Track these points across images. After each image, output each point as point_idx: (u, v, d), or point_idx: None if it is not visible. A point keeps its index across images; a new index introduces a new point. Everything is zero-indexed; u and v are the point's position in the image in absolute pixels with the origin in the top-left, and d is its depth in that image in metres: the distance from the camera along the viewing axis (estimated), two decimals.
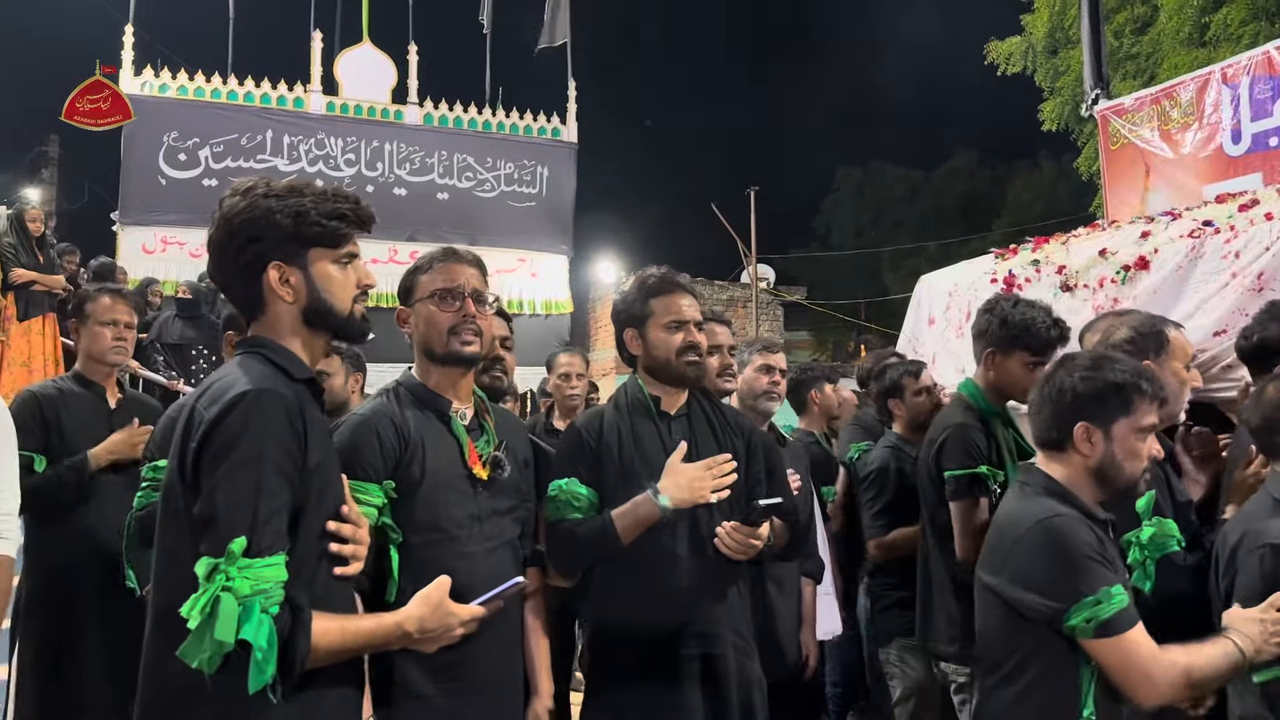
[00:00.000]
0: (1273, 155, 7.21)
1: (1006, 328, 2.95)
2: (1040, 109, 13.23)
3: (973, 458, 2.95)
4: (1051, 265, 3.53)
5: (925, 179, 30.56)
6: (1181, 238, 3.11)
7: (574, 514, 2.55)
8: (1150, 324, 2.65)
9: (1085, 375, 2.08)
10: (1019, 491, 2.19)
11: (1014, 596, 2.03)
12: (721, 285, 19.14)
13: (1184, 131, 7.84)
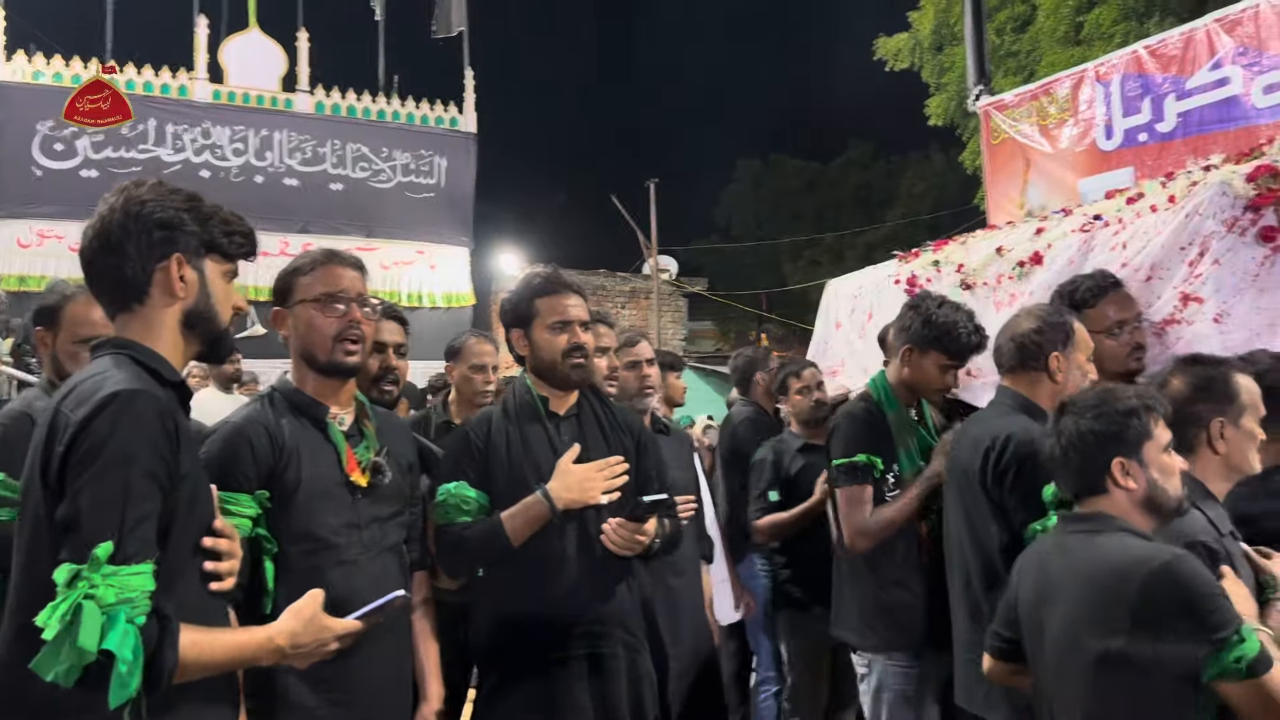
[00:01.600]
0: (1143, 150, 7.55)
1: (929, 327, 3.03)
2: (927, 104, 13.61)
3: (854, 446, 3.04)
4: (951, 265, 3.63)
5: (821, 171, 31.13)
6: (1073, 232, 3.22)
7: (463, 517, 2.54)
8: (1056, 315, 2.71)
9: (1098, 413, 2.06)
10: (1091, 540, 2.03)
11: (1150, 652, 1.85)
12: (624, 277, 19.20)
13: (1061, 127, 8.15)
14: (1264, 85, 6.73)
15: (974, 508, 2.66)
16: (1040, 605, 2.11)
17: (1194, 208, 2.85)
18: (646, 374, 3.62)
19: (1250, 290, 2.79)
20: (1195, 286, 2.83)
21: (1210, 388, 2.23)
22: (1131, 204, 3.11)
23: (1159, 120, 7.41)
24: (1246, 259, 2.80)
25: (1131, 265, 2.97)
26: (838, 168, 31.05)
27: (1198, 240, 2.83)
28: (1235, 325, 2.78)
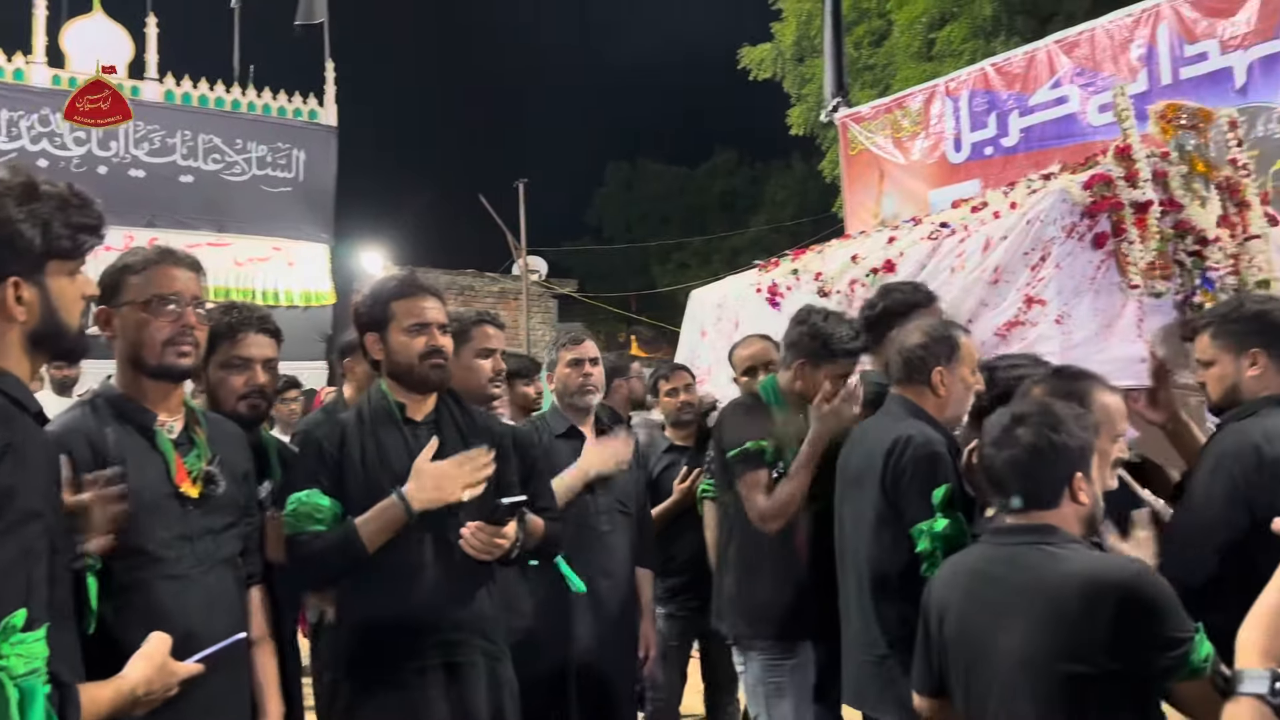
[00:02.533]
0: (989, 163, 7.93)
1: (816, 339, 3.08)
2: (789, 114, 13.96)
3: (743, 435, 3.11)
4: (809, 273, 3.72)
5: (689, 176, 31.58)
6: (922, 240, 3.33)
7: (316, 526, 2.44)
8: (941, 329, 2.78)
9: (1066, 428, 2.03)
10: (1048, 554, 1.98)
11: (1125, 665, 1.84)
12: (493, 277, 19.00)
13: (913, 140, 8.49)
14: (1099, 104, 7.17)
15: (870, 509, 2.72)
16: (986, 627, 2.05)
17: (1036, 214, 2.98)
18: (589, 373, 3.58)
19: (1088, 293, 2.95)
20: (1038, 289, 2.95)
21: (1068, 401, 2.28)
22: (976, 212, 3.25)
23: (1004, 135, 7.80)
24: (1084, 263, 2.95)
25: (977, 270, 3.08)
26: (704, 173, 31.55)
27: (1040, 245, 2.96)
28: (1075, 326, 2.92)
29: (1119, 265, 2.97)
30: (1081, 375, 2.40)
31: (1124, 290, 2.96)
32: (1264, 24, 6.26)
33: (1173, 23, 6.71)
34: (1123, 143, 3.09)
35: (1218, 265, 3.10)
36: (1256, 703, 1.07)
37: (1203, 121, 3.29)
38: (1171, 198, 3.07)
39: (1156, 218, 2.99)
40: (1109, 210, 2.95)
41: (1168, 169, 3.11)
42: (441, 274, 17.58)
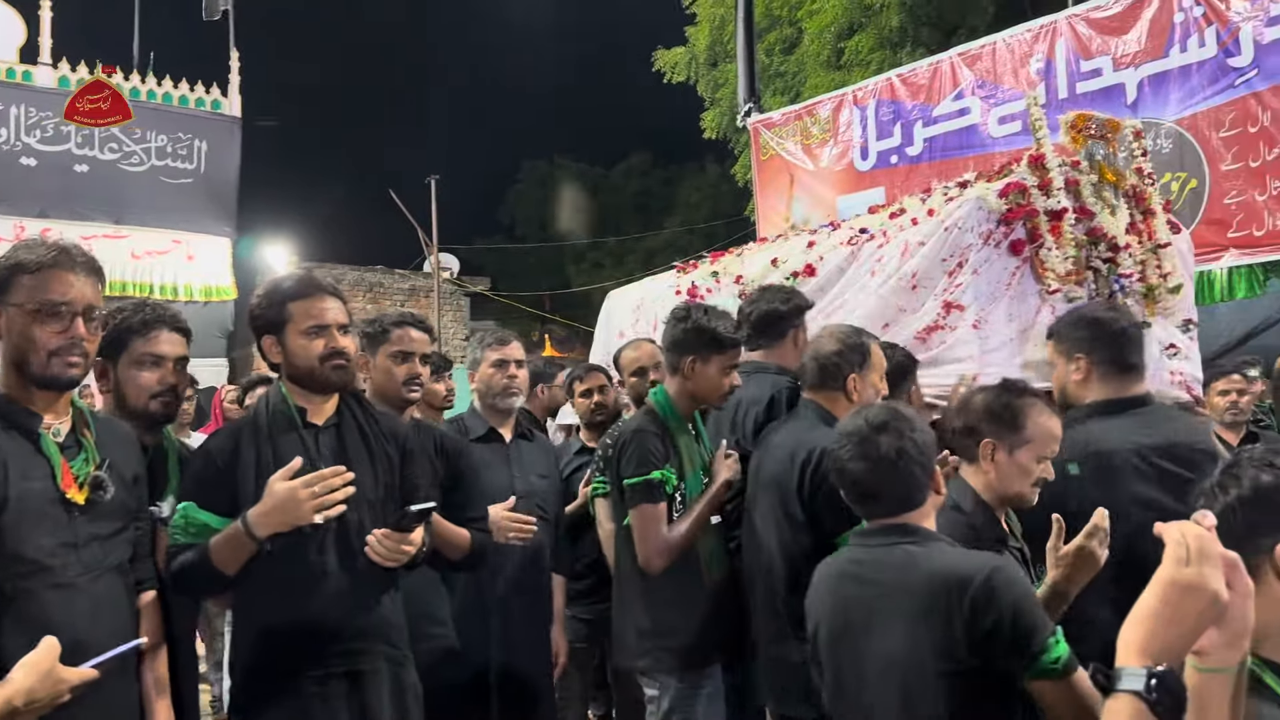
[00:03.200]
0: (894, 172, 8.13)
1: (702, 334, 3.06)
2: (703, 117, 14.08)
3: (648, 464, 3.01)
4: (729, 276, 3.75)
5: (604, 176, 31.60)
6: (842, 245, 3.38)
7: (186, 539, 2.37)
8: (855, 337, 2.85)
9: (921, 430, 2.13)
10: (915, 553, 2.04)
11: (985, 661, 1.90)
12: (403, 274, 18.69)
13: (823, 146, 8.65)
14: (999, 116, 7.42)
15: (785, 516, 2.76)
16: (855, 627, 2.10)
17: (954, 221, 3.05)
18: (514, 375, 3.51)
19: (1004, 299, 3.03)
20: (956, 295, 3.03)
21: (1001, 415, 2.38)
22: (895, 218, 3.30)
23: (909, 144, 8.01)
24: (1000, 269, 3.03)
25: (896, 275, 3.15)
26: (619, 174, 31.60)
27: (958, 252, 3.03)
28: (992, 331, 3.00)
29: (1035, 271, 3.05)
30: (1023, 392, 2.45)
31: (1039, 295, 3.04)
32: (1153, 43, 6.56)
33: (1070, 39, 6.98)
34: (1036, 151, 3.16)
35: (1128, 271, 3.23)
36: (1133, 699, 1.11)
37: (1111, 132, 3.40)
38: (1083, 205, 3.16)
39: (1071, 225, 3.07)
40: (1024, 217, 3.03)
41: (1079, 177, 3.20)
42: (350, 270, 17.26)
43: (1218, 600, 1.14)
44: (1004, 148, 7.32)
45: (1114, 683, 1.14)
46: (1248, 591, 1.18)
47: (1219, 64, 6.25)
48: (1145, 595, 1.15)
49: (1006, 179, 3.13)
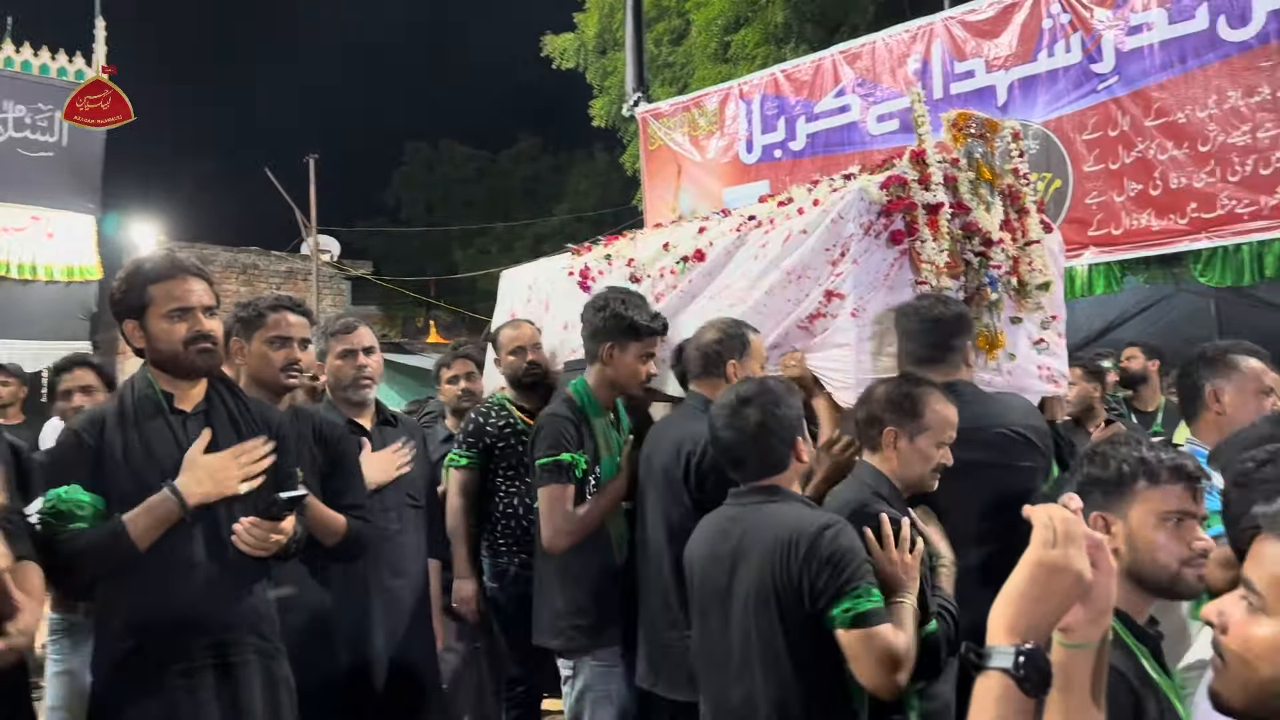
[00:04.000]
0: (778, 165, 8.27)
1: (619, 321, 3.12)
2: (592, 105, 14.04)
3: (558, 446, 3.07)
4: (621, 259, 3.74)
5: (492, 160, 31.22)
6: (731, 231, 3.40)
7: (78, 524, 2.28)
8: (735, 327, 2.97)
9: (782, 403, 2.38)
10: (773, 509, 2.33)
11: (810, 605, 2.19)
12: (280, 256, 18.09)
13: (709, 138, 8.74)
14: (878, 114, 7.62)
15: (674, 504, 2.88)
16: (724, 572, 2.34)
17: (838, 212, 3.10)
18: (364, 364, 3.38)
19: (882, 289, 3.09)
20: (837, 283, 3.07)
21: (901, 404, 2.51)
22: (782, 207, 3.34)
23: (792, 139, 8.17)
24: (879, 260, 3.10)
25: (782, 263, 3.20)
26: (508, 159, 31.27)
27: (840, 242, 3.08)
28: (869, 320, 3.07)
29: (912, 263, 3.13)
30: (920, 382, 2.59)
31: (915, 287, 3.12)
32: (1023, 47, 6.84)
33: (945, 41, 7.22)
34: (917, 147, 3.24)
35: (1000, 265, 3.35)
36: (1002, 676, 1.16)
37: (990, 131, 3.50)
38: (960, 201, 3.26)
39: (947, 219, 3.17)
40: (904, 210, 3.10)
41: (957, 174, 3.29)
42: (223, 250, 16.64)
43: (1082, 580, 1.19)
44: (882, 145, 7.52)
45: (984, 661, 1.19)
46: (1111, 570, 1.24)
47: (1083, 70, 6.57)
48: (1014, 576, 1.21)
49: (888, 172, 3.20)
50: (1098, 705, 1.27)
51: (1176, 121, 6.20)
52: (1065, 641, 1.25)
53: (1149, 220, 6.30)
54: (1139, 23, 6.34)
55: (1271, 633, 1.01)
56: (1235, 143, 5.99)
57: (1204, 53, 6.10)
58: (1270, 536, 1.05)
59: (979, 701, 1.18)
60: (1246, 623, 1.04)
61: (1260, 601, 1.03)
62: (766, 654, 2.23)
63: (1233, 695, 1.05)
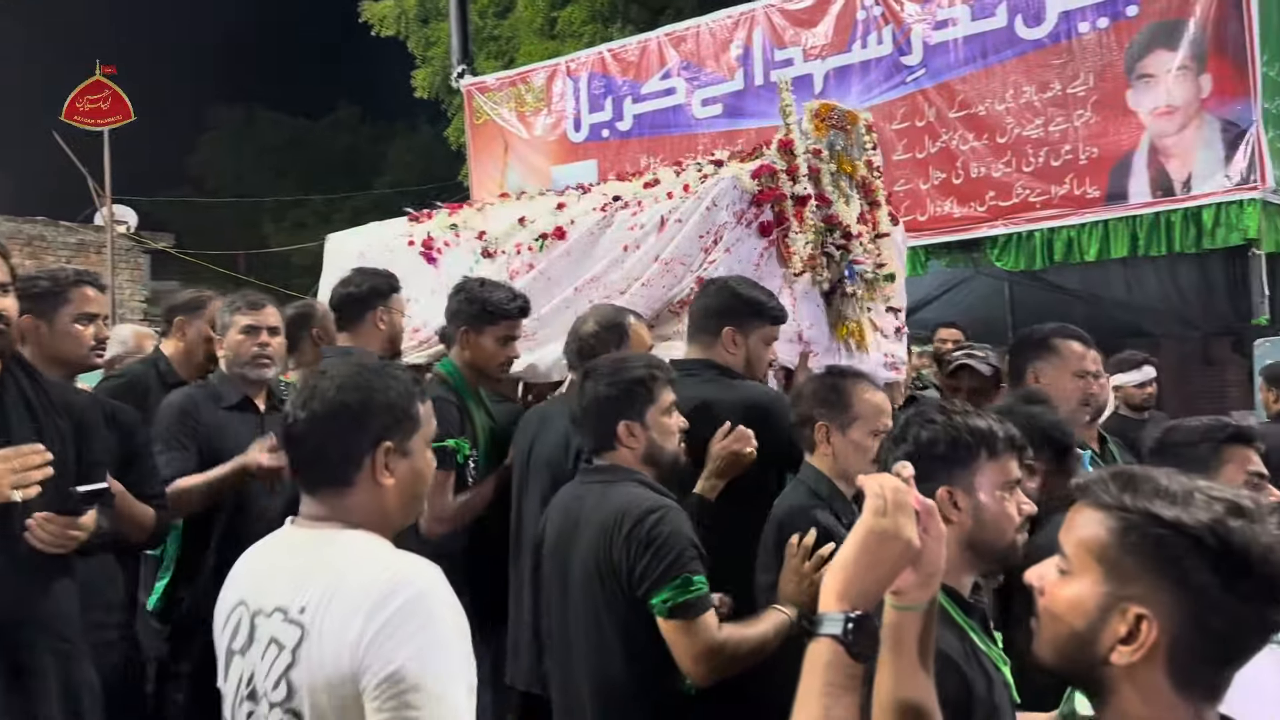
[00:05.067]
0: (605, 145, 8.29)
1: (474, 305, 3.02)
2: (414, 75, 13.64)
3: (444, 430, 2.89)
4: (470, 230, 3.62)
5: (309, 129, 29.88)
6: (594, 210, 3.36)
7: None
8: (614, 317, 2.88)
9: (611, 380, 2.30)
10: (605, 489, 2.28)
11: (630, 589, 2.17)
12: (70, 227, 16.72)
13: (536, 115, 8.66)
14: (702, 98, 7.75)
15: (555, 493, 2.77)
16: (565, 550, 2.32)
17: (712, 199, 3.10)
18: (266, 343, 3.19)
19: (753, 278, 3.07)
20: (709, 271, 3.09)
21: (829, 398, 2.46)
22: (649, 188, 3.32)
23: (619, 119, 8.20)
24: (750, 249, 3.13)
25: (654, 249, 3.19)
26: (325, 127, 30.00)
27: (713, 230, 3.10)
28: None
29: (780, 253, 3.16)
30: (846, 373, 2.56)
31: (783, 278, 3.17)
32: (839, 37, 7.11)
33: (766, 28, 7.41)
34: (785, 136, 3.25)
35: (860, 258, 3.43)
36: (832, 643, 1.20)
37: (850, 123, 3.56)
38: (823, 193, 3.30)
39: (812, 211, 3.21)
40: (773, 201, 3.14)
41: (820, 166, 3.34)
42: (4, 220, 15.27)
43: (911, 546, 1.24)
44: (707, 129, 7.67)
45: (815, 628, 1.22)
46: (941, 535, 1.30)
47: (894, 61, 6.89)
48: (846, 544, 1.24)
49: (759, 161, 3.22)
50: (925, 667, 1.34)
51: (977, 114, 6.61)
52: (896, 604, 1.31)
53: (951, 207, 6.70)
54: (945, 18, 6.70)
55: (1075, 592, 1.09)
56: (1029, 135, 6.44)
57: (1003, 49, 6.51)
58: (1082, 505, 1.12)
59: (809, 668, 1.21)
60: (1058, 584, 1.12)
61: (1068, 564, 1.11)
62: (593, 635, 2.22)
63: (1045, 652, 1.14)
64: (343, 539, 1.55)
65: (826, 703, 1.19)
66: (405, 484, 1.62)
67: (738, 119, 7.46)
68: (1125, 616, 1.04)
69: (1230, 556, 1.00)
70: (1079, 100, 6.29)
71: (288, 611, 1.50)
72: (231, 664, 1.61)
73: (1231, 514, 1.02)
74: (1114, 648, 1.05)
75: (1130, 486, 1.08)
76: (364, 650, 1.40)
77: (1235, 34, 5.86)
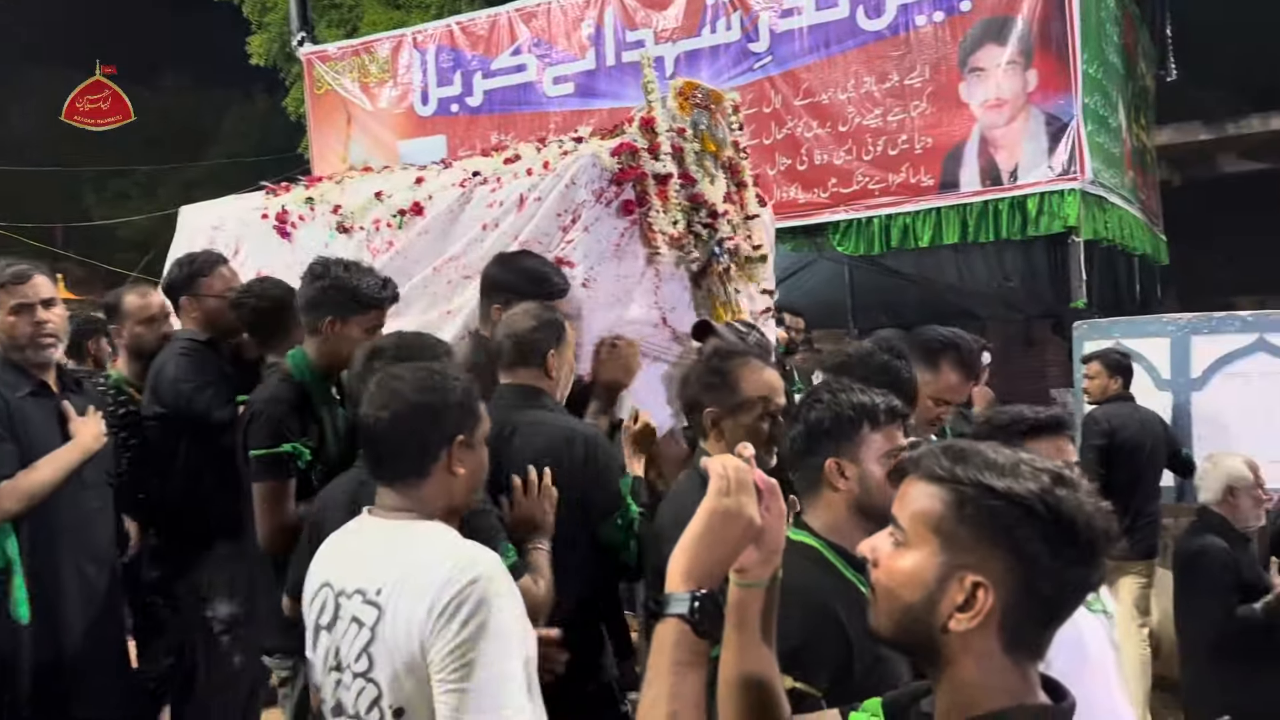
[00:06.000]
0: (455, 121, 8.10)
1: (341, 292, 2.77)
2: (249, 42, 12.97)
3: (278, 436, 2.70)
4: (327, 204, 3.46)
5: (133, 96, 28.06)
6: (453, 186, 3.24)
7: None
8: (550, 314, 2.69)
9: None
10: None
11: None
12: None
13: (381, 87, 8.38)
14: (553, 76, 7.67)
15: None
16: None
17: (570, 177, 3.03)
18: (44, 319, 2.86)
19: (612, 259, 3.06)
20: (567, 251, 3.02)
21: (714, 382, 2.34)
22: (509, 164, 3.22)
23: (469, 94, 8.03)
24: (610, 229, 3.06)
25: (512, 228, 3.10)
26: (151, 94, 28.28)
27: (572, 208, 3.02)
28: (600, 290, 3.02)
29: (643, 233, 3.11)
30: (729, 354, 2.44)
31: (644, 258, 3.12)
32: (689, 21, 7.16)
33: (617, 8, 7.39)
34: (647, 114, 3.19)
35: (727, 237, 3.41)
36: (678, 622, 1.20)
37: (714, 103, 3.53)
38: (687, 172, 3.26)
39: (676, 190, 3.16)
40: (635, 180, 3.07)
41: (684, 144, 3.29)
42: None
43: (753, 524, 1.26)
44: (558, 108, 7.61)
45: (662, 609, 1.22)
46: (782, 513, 1.32)
47: (742, 48, 6.99)
48: (692, 524, 1.26)
49: (620, 138, 3.16)
50: (768, 641, 1.36)
51: (821, 102, 6.79)
52: (740, 581, 1.33)
53: (796, 193, 6.87)
54: (790, 6, 6.84)
55: (911, 564, 1.11)
56: (869, 124, 6.66)
57: (845, 39, 6.70)
58: (914, 478, 1.15)
59: (658, 648, 1.22)
60: (893, 556, 1.14)
61: (903, 536, 1.13)
62: None
63: (882, 624, 1.16)
64: (417, 529, 1.76)
65: (674, 680, 1.20)
66: (474, 473, 1.86)
67: (590, 99, 7.43)
68: (962, 585, 1.07)
69: (1059, 524, 1.04)
70: (915, 91, 6.54)
71: (366, 593, 1.72)
72: (319, 639, 1.82)
73: (1057, 484, 1.06)
74: (951, 615, 1.07)
75: (961, 459, 1.11)
76: (430, 629, 1.62)
77: (1059, 32, 6.22)
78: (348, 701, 1.74)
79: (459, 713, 1.57)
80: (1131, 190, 7.58)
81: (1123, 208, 7.03)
